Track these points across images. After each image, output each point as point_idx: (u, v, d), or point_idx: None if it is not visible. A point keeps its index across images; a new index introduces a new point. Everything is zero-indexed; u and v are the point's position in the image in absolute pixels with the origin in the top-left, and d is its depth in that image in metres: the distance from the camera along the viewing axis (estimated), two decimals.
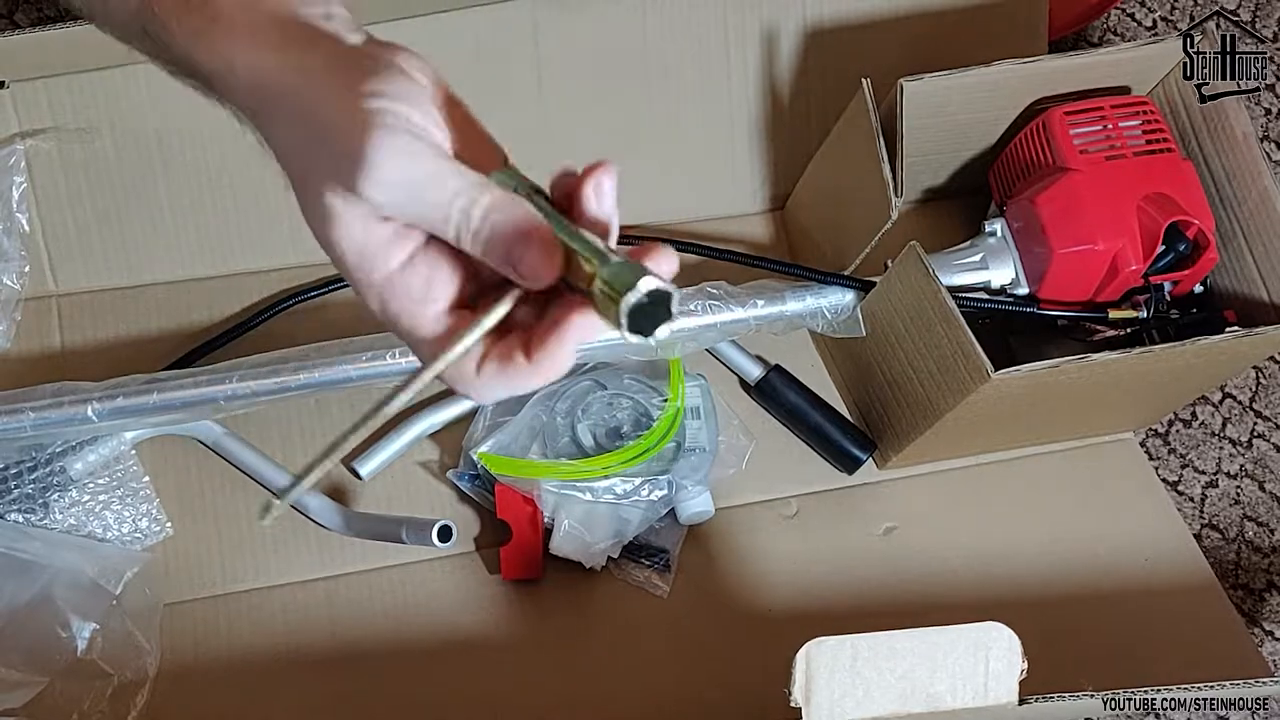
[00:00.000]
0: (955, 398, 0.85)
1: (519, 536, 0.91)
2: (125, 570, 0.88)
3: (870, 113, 0.88)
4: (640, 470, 0.91)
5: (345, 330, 0.89)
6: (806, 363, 1.03)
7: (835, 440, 0.98)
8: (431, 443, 0.97)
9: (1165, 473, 1.12)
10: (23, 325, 0.97)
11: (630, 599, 0.93)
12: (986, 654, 0.68)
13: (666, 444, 0.92)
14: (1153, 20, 1.32)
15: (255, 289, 1.00)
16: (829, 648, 0.66)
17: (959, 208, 1.09)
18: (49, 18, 1.17)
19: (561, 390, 0.94)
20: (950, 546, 0.99)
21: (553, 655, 0.91)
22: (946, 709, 0.67)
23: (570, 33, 1.00)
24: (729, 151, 1.06)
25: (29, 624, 0.85)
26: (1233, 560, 1.10)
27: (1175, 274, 0.90)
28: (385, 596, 0.92)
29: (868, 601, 0.95)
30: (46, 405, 0.84)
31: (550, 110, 1.01)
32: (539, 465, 0.90)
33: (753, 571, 0.96)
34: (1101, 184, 0.89)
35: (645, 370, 0.97)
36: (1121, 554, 1.00)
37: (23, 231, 0.96)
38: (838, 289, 0.93)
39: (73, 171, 0.96)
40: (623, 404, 0.95)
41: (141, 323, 0.99)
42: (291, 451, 0.95)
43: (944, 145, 1.01)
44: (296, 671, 0.89)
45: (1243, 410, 1.16)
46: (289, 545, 0.93)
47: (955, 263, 0.93)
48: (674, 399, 0.93)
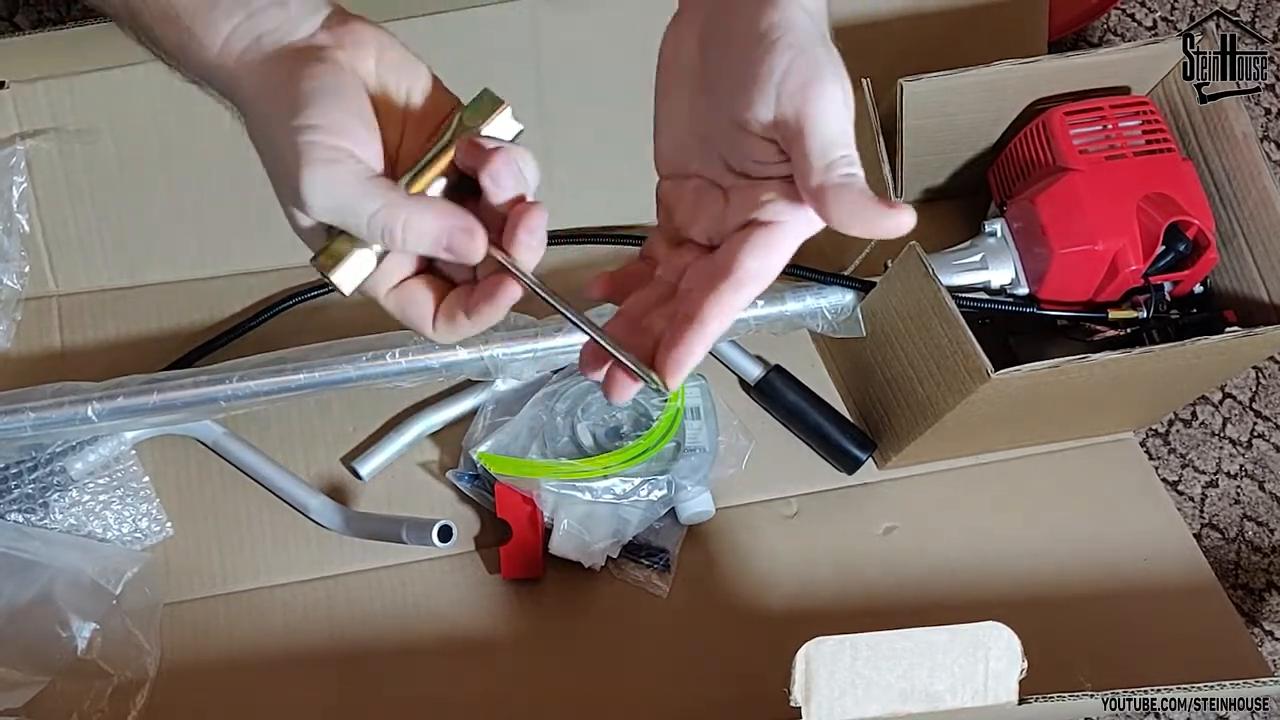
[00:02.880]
0: (955, 398, 0.85)
1: (519, 535, 0.91)
2: (125, 570, 0.88)
3: (870, 113, 0.89)
4: (640, 470, 0.91)
5: (345, 330, 0.89)
6: (806, 363, 1.03)
7: (835, 440, 0.98)
8: (431, 443, 0.97)
9: (1165, 472, 1.12)
10: (23, 325, 0.97)
11: (630, 599, 0.93)
12: (986, 653, 0.68)
13: (666, 444, 0.92)
14: (1153, 20, 1.32)
15: (255, 289, 1.00)
16: (829, 647, 0.66)
17: (959, 208, 1.09)
18: (49, 19, 1.18)
19: (561, 390, 0.94)
20: (950, 546, 0.99)
21: (552, 655, 0.91)
22: (946, 708, 0.67)
23: (570, 32, 1.00)
24: None
25: (29, 624, 0.85)
26: (1233, 560, 1.10)
27: (1175, 274, 0.90)
28: (385, 596, 0.92)
29: (867, 601, 0.95)
30: (47, 405, 0.84)
31: (550, 110, 1.01)
32: (538, 465, 0.90)
33: (752, 571, 0.96)
34: (1101, 184, 0.89)
35: None
36: (1121, 554, 1.00)
37: (23, 232, 0.96)
38: (838, 289, 0.93)
39: (73, 172, 0.96)
40: (622, 404, 0.95)
41: (141, 323, 0.99)
42: (291, 451, 0.95)
43: (944, 145, 1.01)
44: (296, 671, 0.89)
45: (1243, 410, 1.16)
46: (289, 545, 0.93)
47: (955, 263, 0.93)
48: (674, 399, 0.93)
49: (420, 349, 0.87)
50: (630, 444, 0.91)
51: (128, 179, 0.97)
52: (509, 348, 0.88)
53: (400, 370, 0.87)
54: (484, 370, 0.89)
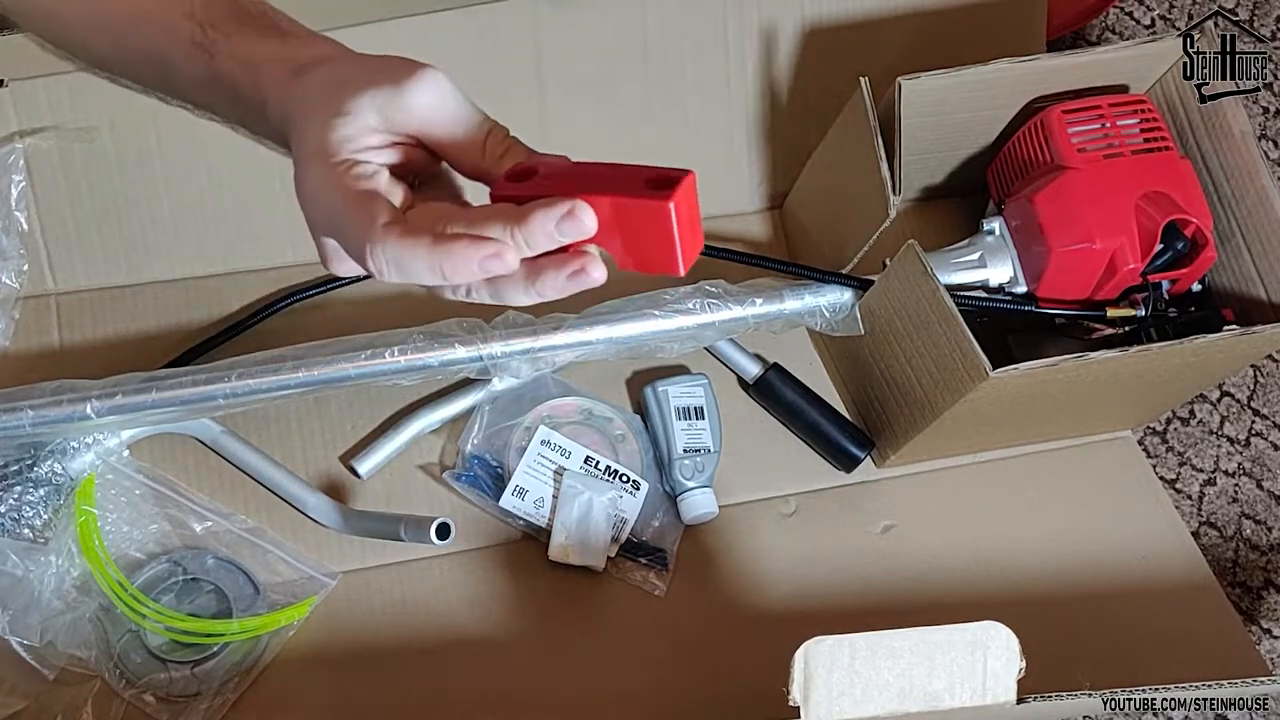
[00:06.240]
0: (953, 396, 0.86)
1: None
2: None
3: (868, 111, 0.89)
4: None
5: (344, 329, 0.89)
6: (805, 361, 1.03)
7: (833, 438, 0.98)
8: (430, 441, 0.97)
9: (1163, 471, 1.13)
10: (22, 323, 0.97)
11: (629, 598, 0.93)
12: (985, 653, 0.68)
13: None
14: (1151, 19, 1.32)
15: (254, 288, 1.00)
16: (827, 646, 0.66)
17: (957, 206, 1.09)
18: None
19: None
20: (948, 545, 0.99)
21: (551, 654, 0.91)
22: (945, 708, 0.67)
23: (570, 31, 1.00)
24: (727, 150, 1.06)
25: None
26: (1231, 558, 1.10)
27: (1173, 272, 0.90)
28: (384, 595, 0.92)
29: (866, 600, 0.96)
30: (46, 403, 0.84)
31: (550, 108, 1.01)
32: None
33: (751, 570, 0.96)
34: (1099, 182, 0.89)
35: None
36: (1119, 552, 1.00)
37: (21, 230, 0.96)
38: (836, 287, 0.93)
39: (72, 170, 0.96)
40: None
41: (140, 321, 0.98)
42: (290, 450, 0.95)
43: (942, 144, 1.01)
44: (295, 669, 0.89)
45: (1241, 408, 1.16)
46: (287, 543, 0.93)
47: (953, 261, 0.93)
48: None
49: (418, 347, 0.87)
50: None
51: (126, 177, 0.97)
52: (507, 346, 0.88)
53: (398, 368, 0.87)
54: (482, 369, 0.89)
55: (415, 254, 0.46)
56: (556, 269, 0.48)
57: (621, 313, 0.89)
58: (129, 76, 0.58)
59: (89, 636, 0.85)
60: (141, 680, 0.85)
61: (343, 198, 0.48)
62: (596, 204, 0.47)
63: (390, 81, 0.49)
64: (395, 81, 0.49)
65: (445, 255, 0.46)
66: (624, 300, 0.90)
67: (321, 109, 0.49)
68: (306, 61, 0.52)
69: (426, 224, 0.47)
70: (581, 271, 0.48)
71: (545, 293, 0.48)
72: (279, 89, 0.51)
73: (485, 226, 0.47)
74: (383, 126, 0.49)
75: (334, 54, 0.53)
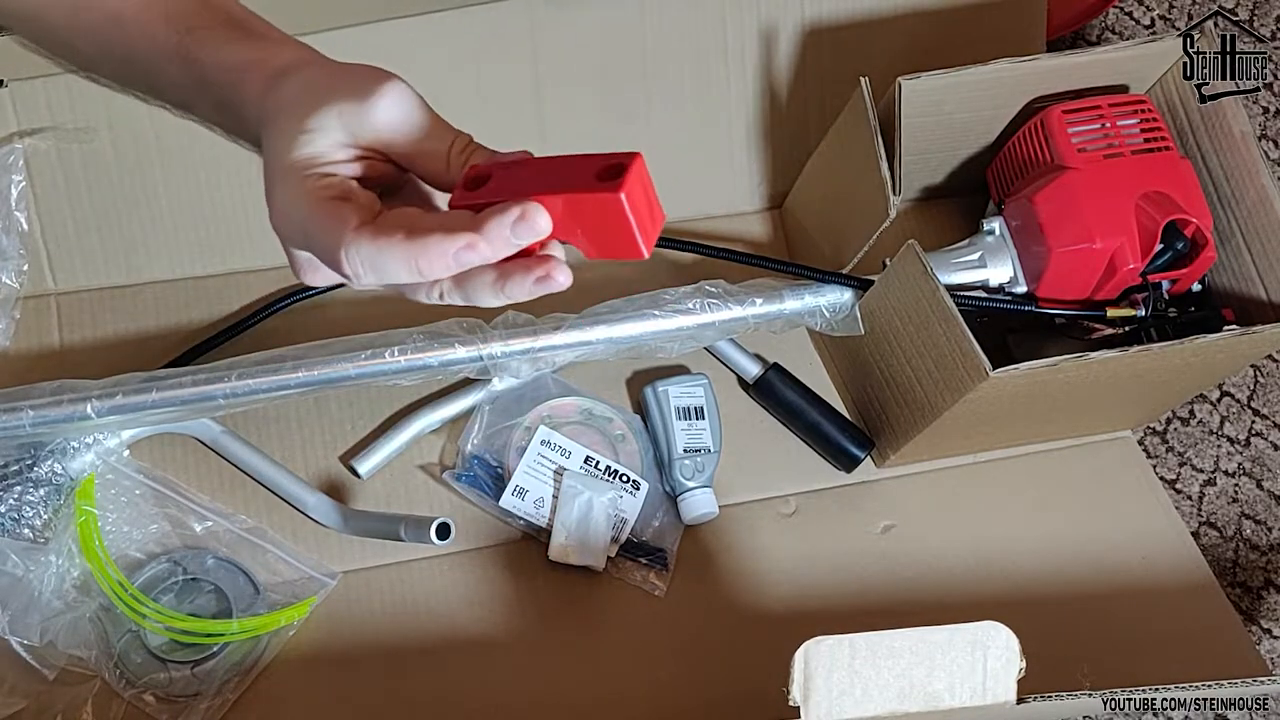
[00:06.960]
0: (953, 396, 0.86)
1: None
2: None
3: (868, 111, 0.88)
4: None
5: (344, 329, 0.89)
6: (805, 361, 1.03)
7: (834, 438, 0.98)
8: (429, 441, 0.97)
9: (1163, 471, 1.13)
10: (22, 324, 0.97)
11: (628, 598, 0.93)
12: (985, 652, 0.68)
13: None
14: (1151, 19, 1.32)
15: (254, 288, 1.00)
16: (827, 646, 0.66)
17: (957, 206, 1.09)
18: None
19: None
20: (948, 545, 0.99)
21: (551, 654, 0.91)
22: (944, 708, 0.67)
23: (568, 31, 1.00)
24: (727, 150, 1.06)
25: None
26: (1231, 558, 1.10)
27: (1173, 272, 0.90)
28: (384, 595, 0.92)
29: (866, 600, 0.96)
30: (46, 403, 0.84)
31: (548, 109, 1.01)
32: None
33: (751, 570, 0.96)
34: (1099, 182, 0.89)
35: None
36: (1119, 552, 1.00)
37: (21, 230, 0.96)
38: (836, 287, 0.93)
39: (71, 170, 0.96)
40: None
41: (140, 321, 0.98)
42: (290, 449, 0.95)
43: (942, 144, 1.01)
44: (295, 669, 0.89)
45: (1241, 408, 1.16)
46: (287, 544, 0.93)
47: (953, 261, 0.93)
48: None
49: (418, 347, 0.87)
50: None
51: (126, 177, 0.97)
52: (507, 346, 0.88)
53: (398, 368, 0.87)
54: (482, 369, 0.89)
55: (390, 252, 0.47)
56: (523, 274, 0.48)
57: (621, 313, 0.89)
58: (112, 78, 0.59)
59: (89, 636, 0.85)
60: (141, 680, 0.85)
61: (313, 208, 0.49)
62: (550, 203, 0.47)
63: (355, 96, 0.50)
64: (359, 96, 0.50)
65: (420, 249, 0.46)
66: (624, 300, 0.90)
67: (290, 124, 0.50)
68: (280, 67, 0.52)
69: (398, 224, 0.48)
70: (547, 278, 0.48)
71: (514, 296, 0.49)
72: (255, 95, 0.52)
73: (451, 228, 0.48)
74: (349, 141, 0.50)
75: (306, 59, 0.53)
